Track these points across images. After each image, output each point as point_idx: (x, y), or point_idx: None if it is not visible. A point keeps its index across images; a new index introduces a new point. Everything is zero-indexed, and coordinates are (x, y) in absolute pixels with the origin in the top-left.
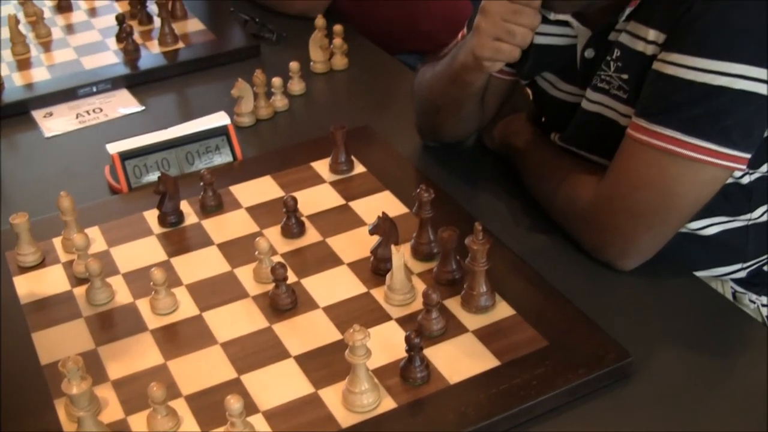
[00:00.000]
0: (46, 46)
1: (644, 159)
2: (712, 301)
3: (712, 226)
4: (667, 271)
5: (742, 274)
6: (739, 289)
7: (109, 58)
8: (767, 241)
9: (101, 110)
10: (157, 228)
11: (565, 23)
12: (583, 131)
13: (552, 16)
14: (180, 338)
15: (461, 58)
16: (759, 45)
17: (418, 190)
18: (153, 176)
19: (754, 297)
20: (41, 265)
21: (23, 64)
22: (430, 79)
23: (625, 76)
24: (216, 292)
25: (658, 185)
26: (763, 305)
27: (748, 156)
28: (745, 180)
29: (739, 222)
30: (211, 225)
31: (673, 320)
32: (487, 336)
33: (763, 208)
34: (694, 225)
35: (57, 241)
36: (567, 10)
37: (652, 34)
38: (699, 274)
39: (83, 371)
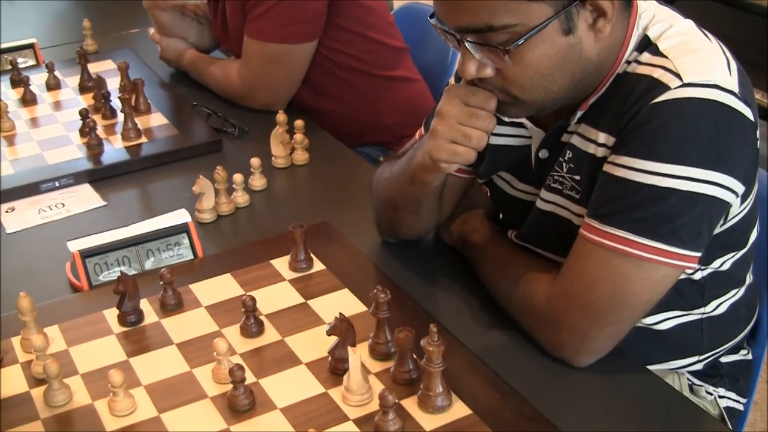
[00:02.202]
0: (10, 140)
1: (597, 259)
2: (667, 396)
3: (667, 321)
4: (623, 367)
5: (699, 367)
6: (696, 381)
7: (73, 153)
8: (722, 334)
9: (63, 205)
10: (116, 327)
11: (520, 124)
12: (538, 230)
13: (506, 118)
14: None
15: (419, 159)
16: (704, 148)
17: (375, 291)
18: (114, 274)
19: (711, 389)
20: None
21: None
22: (388, 178)
23: (577, 177)
24: (175, 393)
25: (611, 284)
26: (720, 396)
27: (698, 255)
28: (698, 276)
29: (693, 316)
30: (170, 324)
31: (630, 416)
32: None
33: (716, 302)
34: (649, 320)
35: (16, 341)
36: (519, 115)
37: (602, 137)
38: (656, 367)
39: None
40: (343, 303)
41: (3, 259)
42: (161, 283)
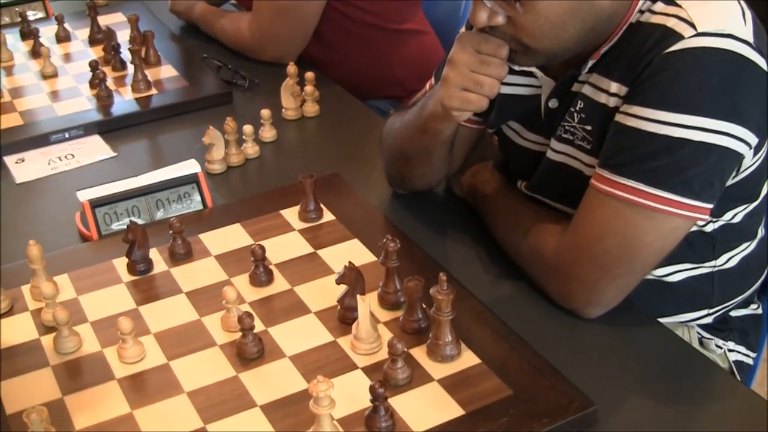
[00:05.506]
0: (20, 91)
1: (608, 209)
2: (677, 349)
3: (678, 273)
4: (632, 319)
5: (709, 320)
6: (705, 334)
7: (83, 104)
8: (732, 288)
9: (73, 156)
10: (126, 276)
11: (530, 73)
12: (548, 180)
13: (517, 67)
14: (147, 387)
15: (430, 108)
16: (717, 98)
17: (384, 240)
18: (123, 223)
19: (720, 342)
20: (9, 312)
21: None
22: (399, 128)
23: (588, 127)
24: (183, 340)
25: (622, 235)
26: (729, 350)
27: (710, 206)
28: (709, 228)
29: (704, 269)
30: (180, 273)
31: (639, 368)
32: (452, 385)
33: (727, 255)
34: (660, 272)
35: (26, 289)
36: (530, 64)
37: (614, 86)
38: (665, 320)
39: (47, 422)
40: (353, 253)
41: (13, 209)
42: (171, 232)
